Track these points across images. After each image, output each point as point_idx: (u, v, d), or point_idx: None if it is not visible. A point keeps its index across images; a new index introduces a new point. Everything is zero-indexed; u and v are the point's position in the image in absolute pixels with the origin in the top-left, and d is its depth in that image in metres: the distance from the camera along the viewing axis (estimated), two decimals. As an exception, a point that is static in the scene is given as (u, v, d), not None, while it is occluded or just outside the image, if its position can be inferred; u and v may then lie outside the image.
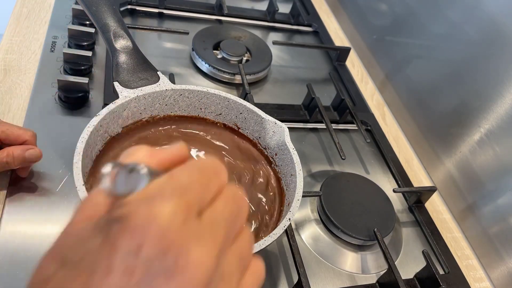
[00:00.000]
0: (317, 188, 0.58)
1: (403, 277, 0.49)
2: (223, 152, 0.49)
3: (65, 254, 0.18)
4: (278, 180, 0.46)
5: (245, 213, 0.22)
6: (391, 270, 0.49)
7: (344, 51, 0.84)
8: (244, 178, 0.47)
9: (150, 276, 0.17)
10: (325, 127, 0.66)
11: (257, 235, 0.42)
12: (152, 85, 0.46)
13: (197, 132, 0.50)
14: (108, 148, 0.44)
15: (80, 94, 0.57)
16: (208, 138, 0.50)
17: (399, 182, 0.65)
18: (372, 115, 0.75)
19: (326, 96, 0.74)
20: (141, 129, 0.47)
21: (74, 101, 0.57)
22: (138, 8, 0.78)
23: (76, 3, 0.67)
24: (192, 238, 0.18)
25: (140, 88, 0.45)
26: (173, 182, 0.19)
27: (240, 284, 0.20)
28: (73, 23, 0.67)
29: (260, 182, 0.47)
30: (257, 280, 0.22)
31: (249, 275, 0.21)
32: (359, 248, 0.54)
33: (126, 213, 0.18)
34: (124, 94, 0.44)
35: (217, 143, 0.50)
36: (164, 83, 0.47)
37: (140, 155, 0.21)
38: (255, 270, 0.22)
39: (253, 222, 0.44)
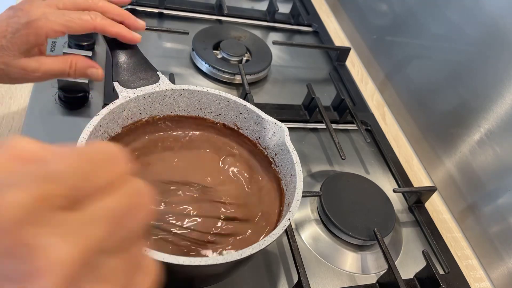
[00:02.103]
0: (317, 188, 0.58)
1: (403, 277, 0.49)
2: (223, 152, 0.49)
3: None
4: (278, 180, 0.46)
5: (143, 210, 0.18)
6: (391, 270, 0.49)
7: (344, 51, 0.84)
8: (244, 178, 0.47)
9: None
10: (325, 127, 0.66)
11: (257, 235, 0.42)
12: (152, 85, 0.46)
13: (196, 132, 0.50)
14: None
15: (80, 94, 0.57)
16: (207, 138, 0.50)
17: (399, 182, 0.65)
18: (372, 115, 0.75)
19: (326, 96, 0.74)
20: (141, 129, 0.47)
21: (74, 101, 0.57)
22: (138, 8, 0.78)
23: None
24: (52, 234, 0.15)
25: (140, 88, 0.45)
26: (40, 167, 0.16)
27: (130, 285, 0.18)
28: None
29: (260, 182, 0.47)
30: (148, 281, 0.19)
31: (143, 277, 0.19)
32: (359, 248, 0.54)
33: None
34: (124, 94, 0.44)
35: (217, 142, 0.50)
36: (164, 83, 0.47)
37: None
38: (149, 271, 0.19)
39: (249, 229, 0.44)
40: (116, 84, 0.45)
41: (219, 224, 0.42)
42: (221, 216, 0.43)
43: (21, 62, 0.42)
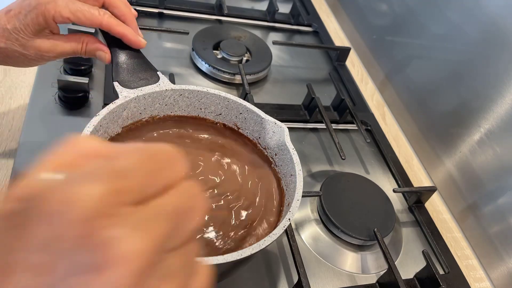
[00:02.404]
0: (317, 188, 0.58)
1: (403, 277, 0.49)
2: (223, 152, 0.49)
3: None
4: (278, 180, 0.46)
5: (199, 213, 0.18)
6: (391, 270, 0.49)
7: (344, 51, 0.84)
8: (244, 178, 0.47)
9: (69, 274, 0.14)
10: (325, 127, 0.66)
11: (257, 236, 0.42)
12: (152, 85, 0.46)
13: (196, 132, 0.50)
14: None
15: (80, 94, 0.57)
16: (207, 137, 0.50)
17: (399, 182, 0.65)
18: (372, 115, 0.75)
19: (326, 96, 0.74)
20: (141, 129, 0.47)
21: (74, 101, 0.57)
22: (138, 8, 0.78)
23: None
24: (123, 227, 0.15)
25: (140, 88, 0.45)
26: (110, 164, 0.16)
27: (187, 286, 0.18)
28: (73, 23, 0.66)
29: (259, 182, 0.47)
30: (204, 284, 0.19)
31: (197, 279, 0.19)
32: (359, 248, 0.54)
33: (43, 193, 0.15)
34: (124, 94, 0.44)
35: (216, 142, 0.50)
36: (164, 83, 0.47)
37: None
38: (204, 275, 0.19)
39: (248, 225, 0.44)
40: (116, 84, 0.45)
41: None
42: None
43: (35, 43, 0.43)
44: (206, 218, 0.42)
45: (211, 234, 0.41)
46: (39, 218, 0.15)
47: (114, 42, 0.48)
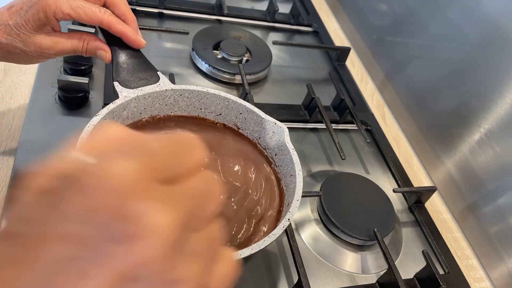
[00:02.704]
0: (317, 188, 0.58)
1: (403, 277, 0.49)
2: (223, 152, 0.49)
3: (9, 228, 0.16)
4: (278, 180, 0.46)
5: (218, 199, 0.20)
6: (391, 270, 0.49)
7: (344, 51, 0.84)
8: (244, 179, 0.47)
9: (104, 242, 0.15)
10: (325, 127, 0.66)
11: (256, 236, 0.42)
12: (152, 85, 0.46)
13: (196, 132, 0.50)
14: None
15: (80, 94, 0.57)
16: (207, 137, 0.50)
17: (399, 182, 0.65)
18: (372, 115, 0.75)
19: (326, 96, 0.74)
20: (141, 129, 0.47)
21: (74, 101, 0.57)
22: (138, 8, 0.78)
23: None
24: (154, 202, 0.16)
25: (140, 88, 0.45)
26: (140, 146, 0.18)
27: (211, 269, 0.19)
28: (73, 23, 0.66)
29: (259, 182, 0.47)
30: (229, 270, 0.20)
31: (221, 263, 0.20)
32: (359, 248, 0.54)
33: (78, 171, 0.16)
34: (124, 94, 0.44)
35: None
36: (164, 83, 0.47)
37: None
38: (228, 260, 0.20)
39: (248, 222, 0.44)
40: (116, 84, 0.45)
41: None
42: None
43: (36, 39, 0.44)
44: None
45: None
46: (77, 191, 0.15)
47: (114, 42, 0.48)
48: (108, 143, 0.18)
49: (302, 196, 0.41)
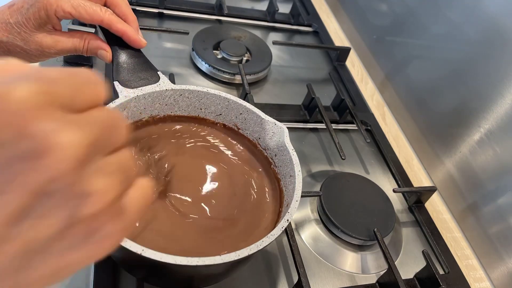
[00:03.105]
0: (317, 188, 0.58)
1: (403, 277, 0.49)
2: (223, 152, 0.49)
3: None
4: (278, 181, 0.46)
5: (123, 129, 0.20)
6: (391, 270, 0.49)
7: (344, 51, 0.84)
8: (243, 178, 0.47)
9: (9, 162, 0.15)
10: (325, 127, 0.66)
11: (256, 236, 0.42)
12: (152, 85, 0.46)
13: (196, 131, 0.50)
14: None
15: (80, 94, 0.57)
16: (208, 137, 0.50)
17: (399, 182, 0.65)
18: (372, 115, 0.75)
19: (326, 96, 0.74)
20: (141, 129, 0.47)
21: (74, 101, 0.57)
22: (138, 8, 0.78)
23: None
24: (57, 123, 0.16)
25: (140, 88, 0.45)
26: (39, 73, 0.17)
27: (125, 190, 0.19)
28: (73, 23, 0.66)
29: (259, 182, 0.47)
30: (144, 195, 0.21)
31: (137, 187, 0.20)
32: (359, 248, 0.54)
33: None
34: (124, 93, 0.44)
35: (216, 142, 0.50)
36: (164, 83, 0.47)
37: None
38: (142, 186, 0.21)
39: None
40: (116, 83, 0.45)
41: (219, 224, 0.42)
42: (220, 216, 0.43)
43: (37, 38, 0.44)
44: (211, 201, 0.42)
45: (210, 233, 0.41)
46: None
47: (115, 41, 0.48)
48: (9, 71, 0.18)
49: (302, 196, 0.41)
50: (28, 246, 0.17)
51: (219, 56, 0.74)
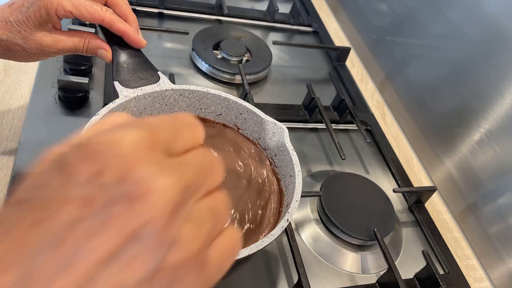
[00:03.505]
0: (317, 188, 0.58)
1: (403, 277, 0.49)
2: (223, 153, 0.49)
3: (20, 195, 0.16)
4: (278, 181, 0.46)
5: (219, 171, 0.20)
6: (391, 270, 0.49)
7: (344, 51, 0.84)
8: (244, 179, 0.47)
9: (110, 203, 0.16)
10: (325, 127, 0.66)
11: (255, 236, 0.42)
12: (152, 85, 0.46)
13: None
14: None
15: (80, 94, 0.57)
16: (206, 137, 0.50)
17: (399, 182, 0.65)
18: (372, 115, 0.75)
19: (326, 96, 0.74)
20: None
21: (74, 101, 0.57)
22: (138, 8, 0.78)
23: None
24: (156, 168, 0.17)
25: (140, 88, 0.45)
26: (143, 121, 0.19)
27: (212, 240, 0.19)
28: (73, 23, 0.66)
29: (259, 182, 0.47)
30: (232, 244, 0.20)
31: (224, 237, 0.20)
32: (359, 248, 0.54)
33: (85, 140, 0.17)
34: (124, 93, 0.44)
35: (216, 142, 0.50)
36: (164, 83, 0.47)
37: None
38: (231, 235, 0.21)
39: (248, 223, 0.44)
40: (116, 83, 0.45)
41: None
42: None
43: (37, 36, 0.44)
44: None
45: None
46: (84, 157, 0.17)
47: (115, 41, 0.48)
48: (113, 121, 0.20)
49: (302, 196, 0.41)
50: None
51: (219, 56, 0.74)
